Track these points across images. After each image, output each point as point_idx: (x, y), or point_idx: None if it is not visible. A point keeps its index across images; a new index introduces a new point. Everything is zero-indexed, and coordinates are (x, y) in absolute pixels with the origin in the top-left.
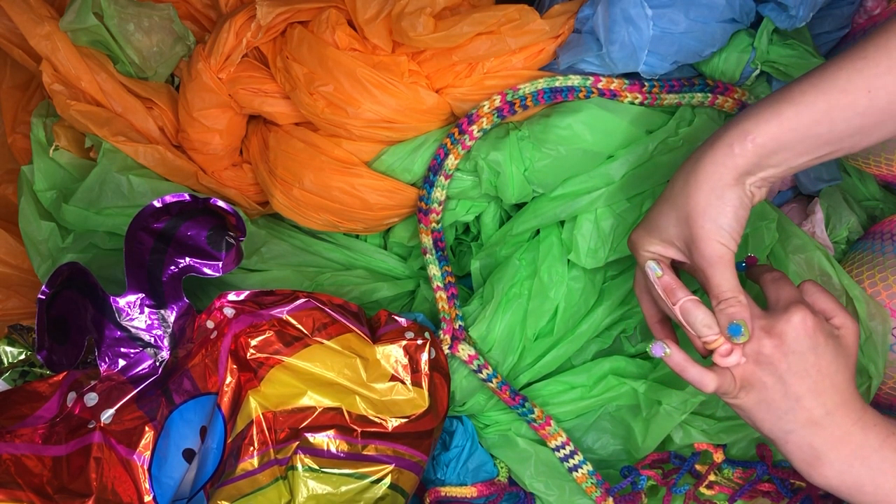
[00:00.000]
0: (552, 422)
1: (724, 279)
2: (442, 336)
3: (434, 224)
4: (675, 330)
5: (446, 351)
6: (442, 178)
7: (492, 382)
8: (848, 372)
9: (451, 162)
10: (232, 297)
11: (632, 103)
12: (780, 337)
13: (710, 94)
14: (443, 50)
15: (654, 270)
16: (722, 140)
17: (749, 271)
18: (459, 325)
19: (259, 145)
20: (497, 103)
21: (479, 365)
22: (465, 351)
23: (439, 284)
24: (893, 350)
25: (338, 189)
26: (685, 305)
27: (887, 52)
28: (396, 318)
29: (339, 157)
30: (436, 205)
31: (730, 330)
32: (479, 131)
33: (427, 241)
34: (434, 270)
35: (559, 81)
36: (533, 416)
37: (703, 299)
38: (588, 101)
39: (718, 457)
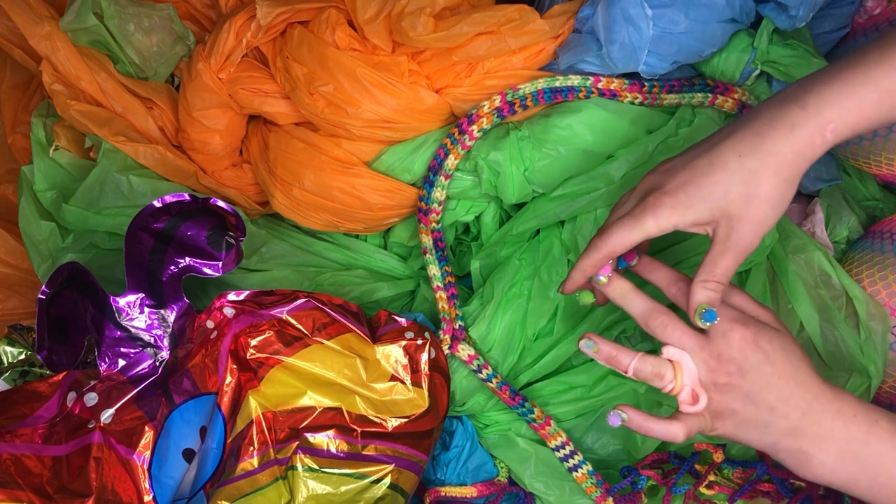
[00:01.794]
0: (552, 422)
1: (730, 266)
2: (442, 336)
3: (434, 224)
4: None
5: (446, 351)
6: (442, 178)
7: (492, 382)
8: (804, 364)
9: (451, 162)
10: (232, 297)
11: (632, 103)
12: (729, 361)
13: (710, 94)
14: (443, 50)
15: (588, 348)
16: (803, 129)
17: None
18: (459, 325)
19: (259, 145)
20: (497, 103)
21: (478, 365)
22: (465, 351)
23: (439, 284)
24: (893, 349)
25: (338, 189)
26: (636, 366)
27: None
28: (396, 318)
29: (339, 157)
30: (436, 205)
31: (705, 317)
32: (479, 131)
33: (427, 241)
34: (434, 270)
35: (559, 81)
36: (533, 416)
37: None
38: (588, 101)
39: (718, 457)
